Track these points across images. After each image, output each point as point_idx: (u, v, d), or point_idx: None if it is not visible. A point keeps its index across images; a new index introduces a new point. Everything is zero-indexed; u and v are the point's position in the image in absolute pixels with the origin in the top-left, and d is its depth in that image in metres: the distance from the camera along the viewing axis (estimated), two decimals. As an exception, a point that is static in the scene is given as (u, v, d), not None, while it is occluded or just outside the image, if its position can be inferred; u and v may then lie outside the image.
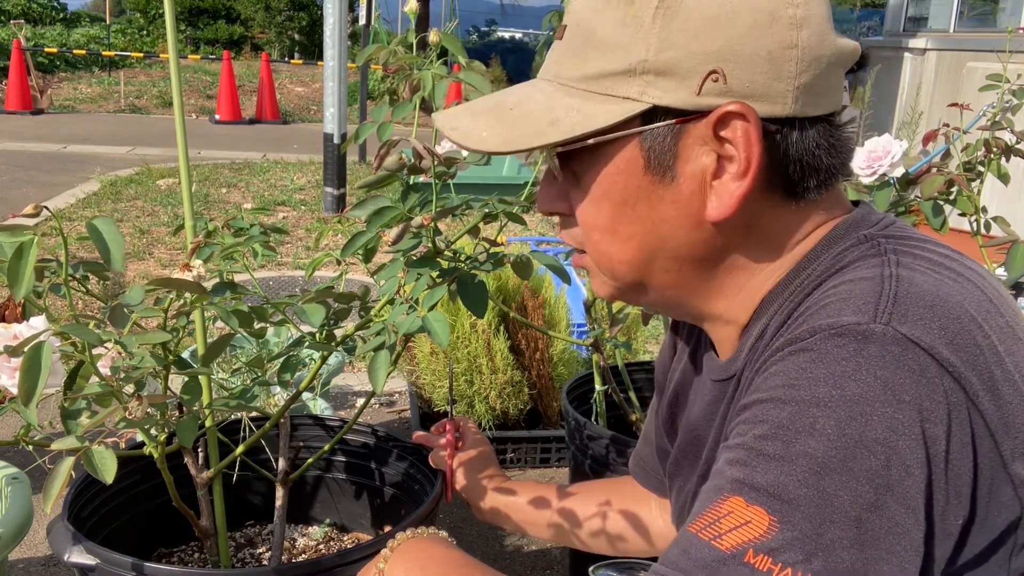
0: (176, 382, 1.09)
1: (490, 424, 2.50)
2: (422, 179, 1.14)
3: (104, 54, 13.84)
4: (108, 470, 0.87)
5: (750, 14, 0.70)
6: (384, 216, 1.10)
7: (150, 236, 5.08)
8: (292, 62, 16.06)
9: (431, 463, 1.38)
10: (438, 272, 1.11)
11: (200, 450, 1.29)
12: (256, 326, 1.13)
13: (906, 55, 5.46)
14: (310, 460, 1.47)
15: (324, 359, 1.31)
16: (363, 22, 7.56)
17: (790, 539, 0.59)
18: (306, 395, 2.22)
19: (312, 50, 19.39)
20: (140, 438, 1.15)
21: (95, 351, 0.94)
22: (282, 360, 1.22)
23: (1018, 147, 1.51)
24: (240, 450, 1.32)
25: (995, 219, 1.50)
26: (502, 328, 2.49)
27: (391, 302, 1.16)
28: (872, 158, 1.41)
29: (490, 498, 1.27)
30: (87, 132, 9.51)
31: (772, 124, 0.71)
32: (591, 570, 1.14)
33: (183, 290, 0.99)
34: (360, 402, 2.19)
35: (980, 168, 1.53)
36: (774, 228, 0.76)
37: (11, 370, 0.88)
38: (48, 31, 16.36)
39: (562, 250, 0.82)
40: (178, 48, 1.20)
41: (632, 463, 1.17)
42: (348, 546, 1.59)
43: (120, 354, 0.97)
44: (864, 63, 0.77)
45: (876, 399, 0.60)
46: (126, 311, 0.93)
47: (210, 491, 1.30)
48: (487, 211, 1.15)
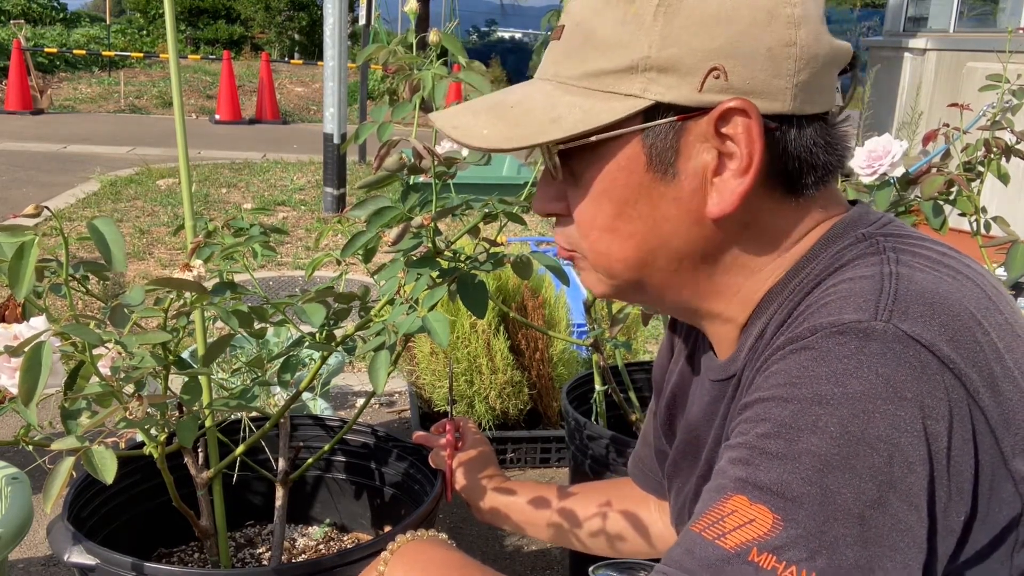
0: (176, 382, 1.09)
1: (490, 424, 2.50)
2: (422, 179, 1.14)
3: (104, 54, 13.84)
4: (108, 470, 0.87)
5: (750, 12, 0.70)
6: (384, 216, 1.10)
7: (150, 236, 5.08)
8: (292, 62, 16.06)
9: (431, 463, 1.38)
10: (438, 272, 1.11)
11: (200, 450, 1.29)
12: (256, 326, 1.13)
13: (906, 55, 5.45)
14: (310, 460, 1.47)
15: (324, 359, 1.31)
16: (363, 22, 7.56)
17: (794, 537, 0.59)
18: (306, 395, 2.22)
19: (312, 50, 19.39)
20: (140, 438, 1.15)
21: (95, 351, 0.94)
22: (282, 360, 1.23)
23: (1018, 147, 1.51)
24: (240, 450, 1.32)
25: (995, 219, 1.50)
26: (502, 328, 2.48)
27: (391, 302, 1.16)
28: (872, 158, 1.41)
29: (490, 498, 1.27)
30: (87, 132, 9.51)
31: (772, 121, 0.72)
32: (591, 570, 1.14)
33: (183, 290, 0.99)
34: (360, 402, 2.19)
35: (980, 168, 1.53)
36: (773, 226, 0.76)
37: (11, 370, 0.88)
38: (48, 31, 16.35)
39: (562, 250, 0.82)
40: (178, 48, 1.20)
41: (631, 465, 1.17)
42: (348, 546, 1.59)
43: (120, 354, 0.97)
44: (855, 64, 0.78)
45: (878, 396, 0.61)
46: (126, 311, 0.93)
47: (210, 491, 1.30)
48: (487, 211, 1.15)
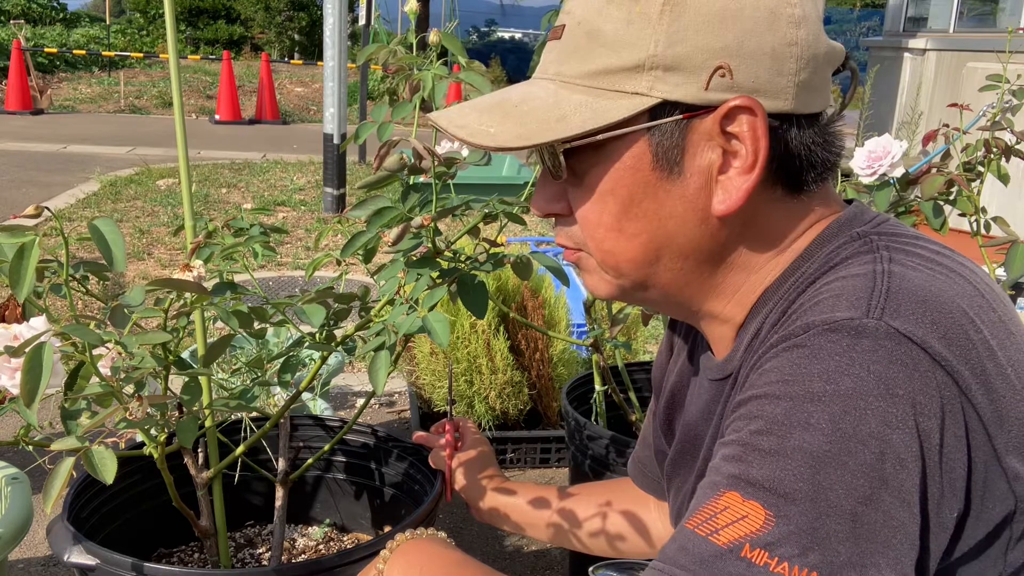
0: (176, 382, 1.09)
1: (490, 424, 2.50)
2: (422, 179, 1.14)
3: (104, 54, 13.85)
4: (108, 470, 0.87)
5: (753, 11, 0.71)
6: (384, 216, 1.10)
7: (150, 236, 5.08)
8: (292, 62, 16.08)
9: (431, 463, 1.38)
10: (438, 272, 1.11)
11: (200, 450, 1.29)
12: (256, 326, 1.13)
13: (906, 55, 5.46)
14: (310, 460, 1.47)
15: (324, 359, 1.31)
16: (363, 22, 7.56)
17: (786, 533, 0.59)
18: (306, 395, 2.22)
19: (312, 50, 19.41)
20: (140, 438, 1.15)
21: (95, 351, 0.94)
22: (282, 360, 1.23)
23: (1018, 147, 1.51)
24: (240, 450, 1.32)
25: (995, 219, 1.50)
26: (502, 328, 2.48)
27: (391, 302, 1.16)
28: (872, 158, 1.41)
29: (489, 498, 1.27)
30: (87, 132, 9.51)
31: (774, 119, 0.72)
32: (591, 570, 1.14)
33: (183, 290, 0.99)
34: (360, 402, 2.19)
35: (980, 168, 1.53)
36: (773, 224, 0.77)
37: (12, 371, 0.88)
38: (48, 31, 16.37)
39: (561, 250, 0.82)
40: (178, 48, 1.20)
41: (630, 466, 1.18)
42: (348, 546, 1.59)
43: (120, 354, 0.97)
44: (847, 65, 0.79)
45: (870, 393, 0.61)
46: (126, 311, 0.93)
47: (210, 491, 1.30)
48: (487, 211, 1.15)
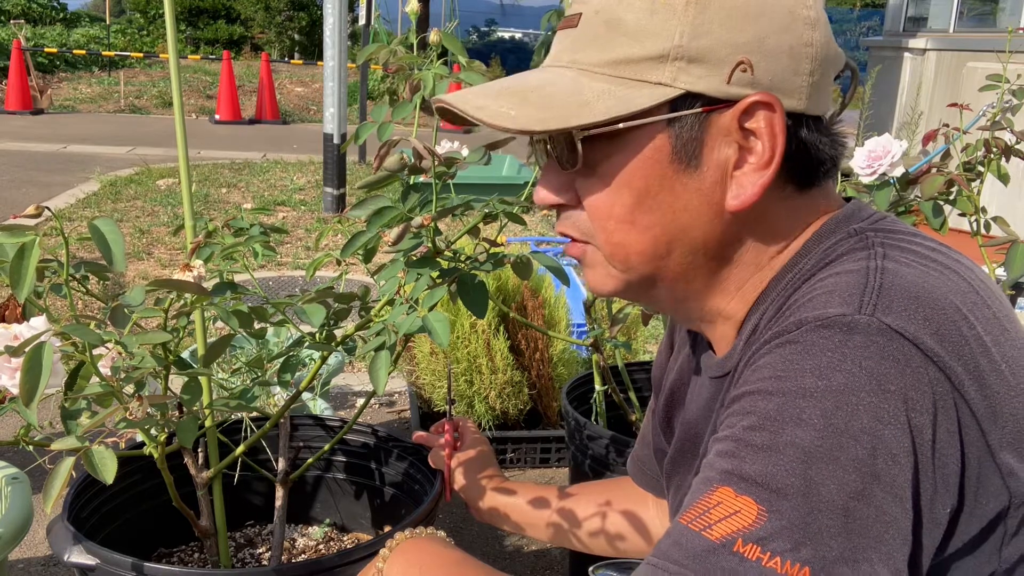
0: (176, 382, 1.09)
1: (490, 424, 2.50)
2: (422, 179, 1.14)
3: (104, 54, 13.85)
4: (108, 470, 0.87)
5: (773, 10, 0.72)
6: (384, 216, 1.10)
7: (150, 236, 5.08)
8: (292, 62, 16.07)
9: (431, 463, 1.38)
10: (438, 272, 1.11)
11: (200, 450, 1.29)
12: (256, 326, 1.13)
13: (906, 55, 5.45)
14: (310, 460, 1.47)
15: (324, 359, 1.31)
16: (363, 22, 7.56)
17: (778, 528, 0.59)
18: (306, 395, 2.22)
19: (312, 50, 19.41)
20: (140, 438, 1.15)
21: (95, 351, 0.94)
22: (282, 360, 1.23)
23: (1018, 147, 1.51)
24: (240, 450, 1.32)
25: (995, 219, 1.50)
26: (502, 328, 2.49)
27: (391, 302, 1.16)
28: (872, 158, 1.41)
29: (489, 498, 1.27)
30: (87, 132, 9.51)
31: (788, 118, 0.73)
32: (591, 570, 1.14)
33: (183, 290, 0.99)
34: (360, 402, 2.19)
35: (980, 168, 1.53)
36: (781, 221, 0.77)
37: (11, 370, 0.88)
38: (48, 31, 16.36)
39: (561, 250, 0.81)
40: (178, 48, 1.20)
41: (630, 464, 1.18)
42: (348, 546, 1.59)
43: (120, 354, 0.97)
44: (847, 70, 0.80)
45: (862, 389, 0.61)
46: (126, 311, 0.93)
47: (210, 491, 1.30)
48: (487, 211, 1.15)
